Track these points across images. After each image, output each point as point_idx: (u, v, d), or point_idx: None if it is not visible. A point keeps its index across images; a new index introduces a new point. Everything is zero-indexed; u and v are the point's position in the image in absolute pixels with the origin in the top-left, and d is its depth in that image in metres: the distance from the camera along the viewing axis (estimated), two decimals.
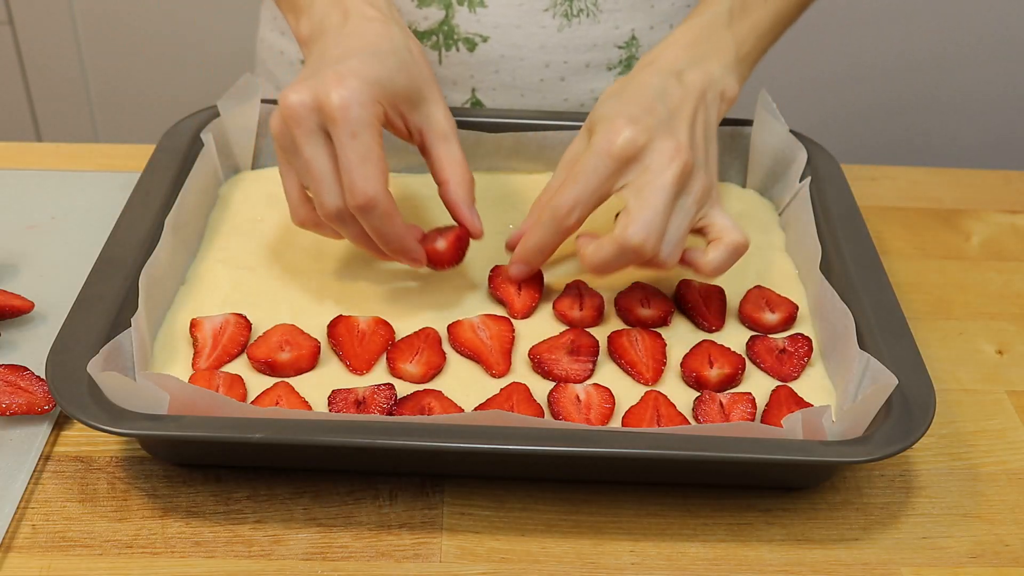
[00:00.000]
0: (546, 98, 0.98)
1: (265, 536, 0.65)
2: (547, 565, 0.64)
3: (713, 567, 0.64)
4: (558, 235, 0.73)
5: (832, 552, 0.65)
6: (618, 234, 0.70)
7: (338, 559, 0.64)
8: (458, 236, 0.76)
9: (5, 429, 0.69)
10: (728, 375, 0.71)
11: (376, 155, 0.67)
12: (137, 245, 0.75)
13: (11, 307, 0.76)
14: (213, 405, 0.63)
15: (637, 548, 0.65)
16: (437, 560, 0.64)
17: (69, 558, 0.63)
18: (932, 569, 0.65)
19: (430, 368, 0.71)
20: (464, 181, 0.73)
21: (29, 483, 0.67)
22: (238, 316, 0.74)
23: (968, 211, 0.97)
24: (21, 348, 0.75)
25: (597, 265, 0.72)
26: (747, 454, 0.61)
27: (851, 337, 0.70)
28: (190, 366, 0.71)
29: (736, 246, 0.73)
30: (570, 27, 0.94)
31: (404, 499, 0.67)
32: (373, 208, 0.67)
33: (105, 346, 0.65)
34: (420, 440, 0.61)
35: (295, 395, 0.69)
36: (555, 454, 0.62)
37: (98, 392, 0.63)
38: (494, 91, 0.97)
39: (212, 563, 0.63)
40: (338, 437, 0.61)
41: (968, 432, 0.74)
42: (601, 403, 0.69)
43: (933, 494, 0.70)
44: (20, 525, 0.65)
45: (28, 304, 0.77)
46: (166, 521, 0.65)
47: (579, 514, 0.67)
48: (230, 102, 0.88)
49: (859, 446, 0.63)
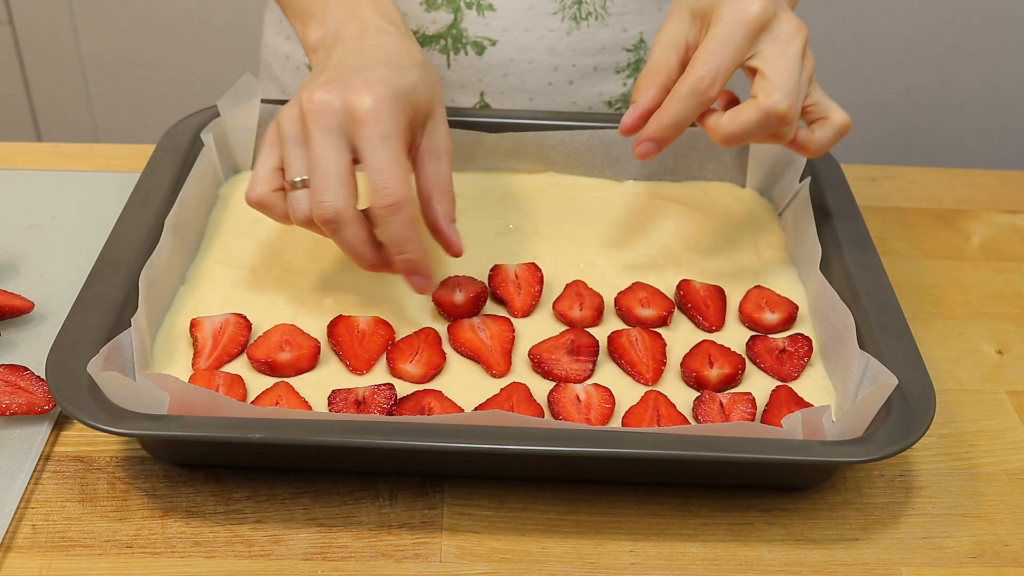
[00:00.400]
0: (555, 101, 0.98)
1: (265, 536, 0.65)
2: (547, 565, 0.64)
3: (713, 567, 0.64)
4: (699, 107, 0.70)
5: (832, 552, 0.65)
6: (763, 101, 0.69)
7: (338, 559, 0.64)
8: (478, 294, 0.76)
9: (5, 429, 0.69)
10: (728, 375, 0.71)
11: (405, 161, 0.67)
12: (137, 245, 0.75)
13: (11, 307, 0.76)
14: (213, 405, 0.63)
15: (637, 548, 0.65)
16: (437, 560, 0.64)
17: (69, 558, 0.63)
18: (932, 569, 0.65)
19: (430, 368, 0.71)
20: (447, 199, 0.73)
21: (29, 483, 0.67)
22: (238, 316, 0.74)
23: (968, 211, 0.97)
24: (21, 348, 0.75)
25: (735, 134, 0.70)
26: (747, 454, 0.61)
27: (851, 337, 0.70)
28: (190, 366, 0.71)
29: (842, 125, 0.73)
30: (579, 30, 0.95)
31: (404, 499, 0.67)
32: (402, 209, 0.67)
33: (105, 346, 0.65)
34: (420, 440, 0.61)
35: (295, 395, 0.69)
36: (555, 454, 0.62)
37: (98, 392, 0.63)
38: (502, 94, 0.97)
39: (212, 563, 0.63)
40: (338, 437, 0.61)
41: (968, 432, 0.74)
42: (601, 403, 0.69)
43: (933, 494, 0.70)
44: (20, 525, 0.65)
45: (28, 304, 0.77)
46: (166, 521, 0.65)
47: (579, 514, 0.67)
48: (230, 102, 0.88)
49: (859, 446, 0.63)
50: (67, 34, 1.99)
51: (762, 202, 0.90)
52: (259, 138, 0.89)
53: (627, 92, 1.00)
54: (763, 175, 0.90)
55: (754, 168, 0.91)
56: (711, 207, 0.89)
